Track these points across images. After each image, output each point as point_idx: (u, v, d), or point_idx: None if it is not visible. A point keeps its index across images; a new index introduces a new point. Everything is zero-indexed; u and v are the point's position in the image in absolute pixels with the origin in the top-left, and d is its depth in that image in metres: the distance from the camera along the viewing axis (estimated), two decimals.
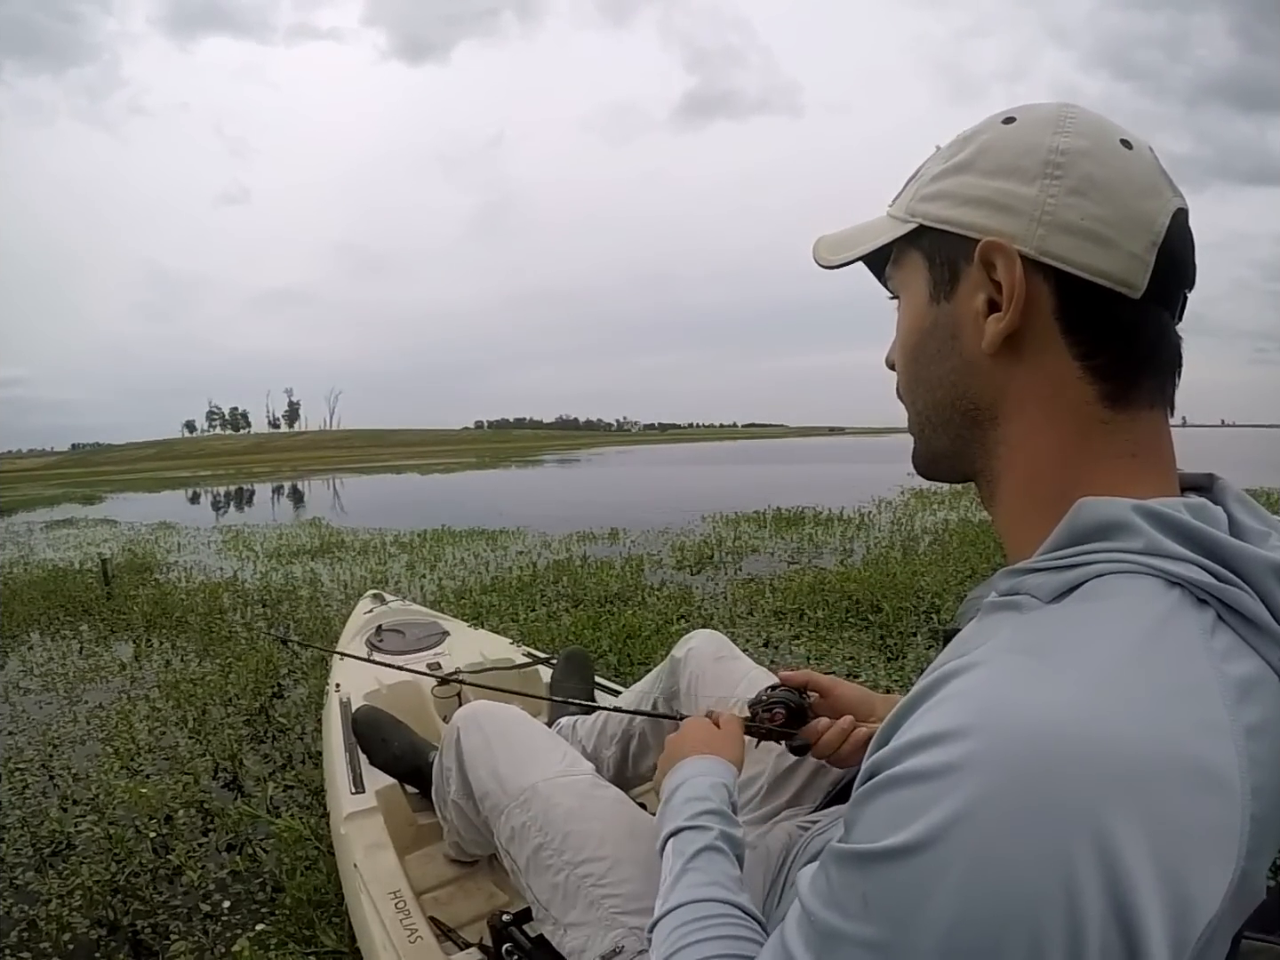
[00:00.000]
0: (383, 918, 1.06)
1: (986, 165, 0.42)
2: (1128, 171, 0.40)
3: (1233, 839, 0.32)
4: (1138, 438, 0.41)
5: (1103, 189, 0.39)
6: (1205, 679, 0.34)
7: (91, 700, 2.94)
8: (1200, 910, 0.31)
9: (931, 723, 0.34)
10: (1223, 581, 0.36)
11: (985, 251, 0.41)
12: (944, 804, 0.31)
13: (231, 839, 1.87)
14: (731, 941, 0.54)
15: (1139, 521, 0.38)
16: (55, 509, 14.34)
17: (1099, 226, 0.39)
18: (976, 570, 4.32)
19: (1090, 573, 0.37)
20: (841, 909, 0.35)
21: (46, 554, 7.29)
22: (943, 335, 0.45)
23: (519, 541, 6.83)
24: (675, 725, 0.92)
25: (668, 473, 21.11)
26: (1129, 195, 0.40)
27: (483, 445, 79.67)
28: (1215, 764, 0.32)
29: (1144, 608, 0.36)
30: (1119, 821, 0.30)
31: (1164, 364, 0.42)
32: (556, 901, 0.84)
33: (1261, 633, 0.36)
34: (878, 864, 0.34)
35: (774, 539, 6.44)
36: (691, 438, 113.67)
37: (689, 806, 0.66)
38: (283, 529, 8.83)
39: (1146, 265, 0.39)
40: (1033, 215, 0.40)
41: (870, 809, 0.35)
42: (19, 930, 1.55)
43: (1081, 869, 0.30)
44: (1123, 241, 0.39)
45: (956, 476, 0.49)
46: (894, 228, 0.47)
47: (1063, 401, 0.41)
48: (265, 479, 25.11)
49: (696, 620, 3.66)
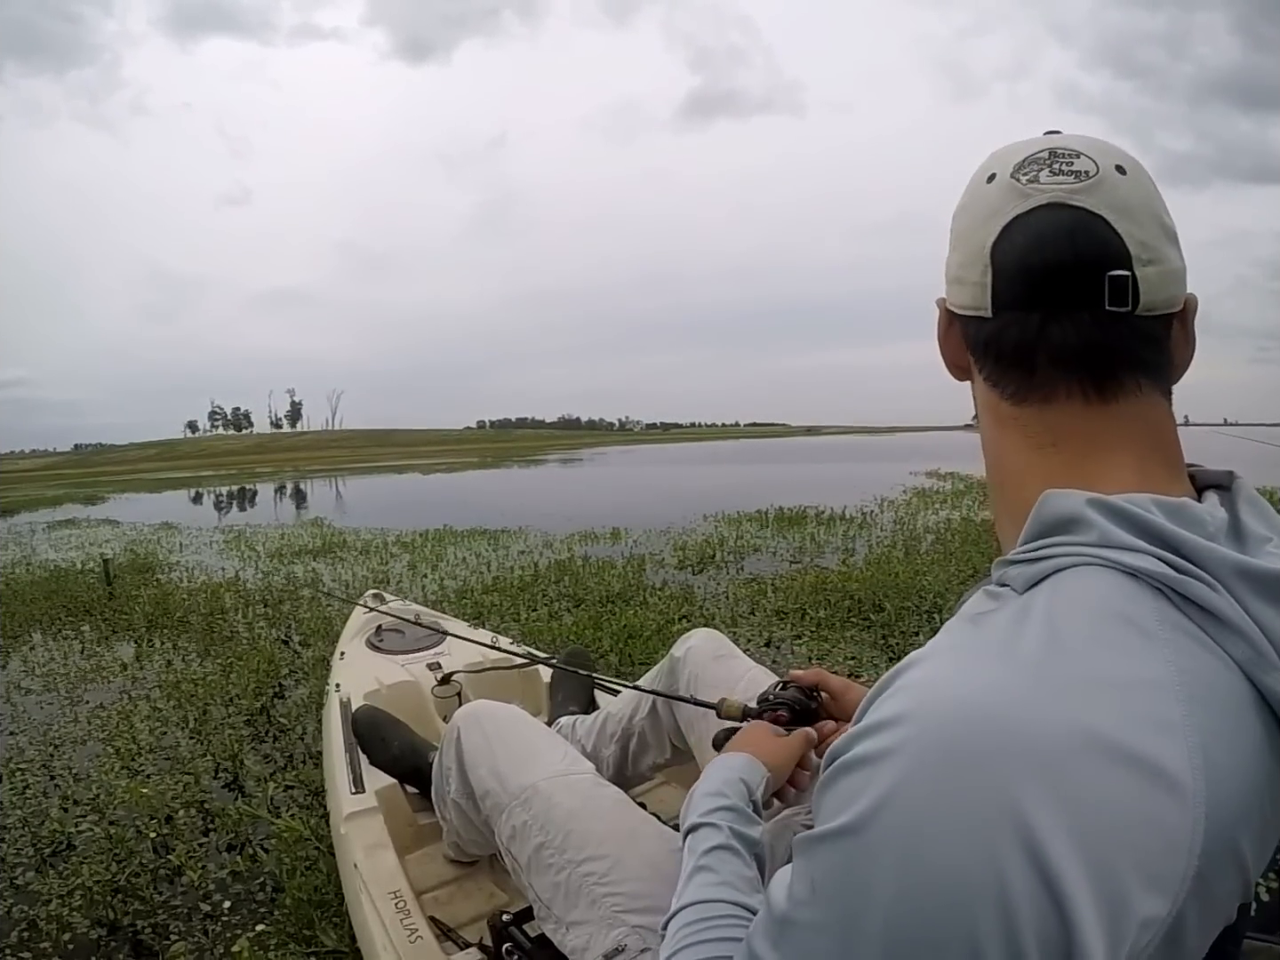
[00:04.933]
0: (383, 918, 1.06)
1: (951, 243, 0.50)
2: (975, 210, 0.45)
3: (1183, 837, 0.32)
4: (1051, 428, 0.43)
5: (961, 237, 0.46)
6: (1157, 673, 0.34)
7: (93, 700, 2.95)
8: (1141, 906, 0.31)
9: (878, 712, 0.36)
10: (1181, 574, 0.36)
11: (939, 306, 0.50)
12: (875, 787, 0.33)
13: (232, 839, 1.87)
14: (734, 944, 0.53)
15: (1091, 514, 0.38)
16: (58, 509, 14.37)
17: (959, 270, 0.46)
18: (979, 569, 4.31)
19: (1050, 566, 0.38)
20: (795, 896, 0.37)
21: (49, 554, 7.31)
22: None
23: (520, 541, 6.83)
24: (703, 712, 0.99)
25: (670, 472, 21.12)
26: (975, 232, 0.45)
27: (485, 445, 79.77)
28: (1160, 759, 0.32)
29: (1096, 599, 0.36)
30: (1036, 804, 0.30)
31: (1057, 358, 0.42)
32: (558, 900, 0.84)
33: (1223, 626, 0.36)
34: (820, 846, 0.35)
35: (776, 538, 6.44)
36: (694, 437, 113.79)
37: (705, 802, 0.67)
38: (284, 529, 8.84)
39: (984, 286, 0.44)
40: (948, 278, 0.48)
41: (824, 797, 0.37)
42: (19, 930, 1.55)
43: (1003, 848, 0.30)
44: (969, 275, 0.45)
45: None
46: None
47: (987, 410, 0.47)
48: (267, 479, 25.14)
49: (698, 620, 3.66)
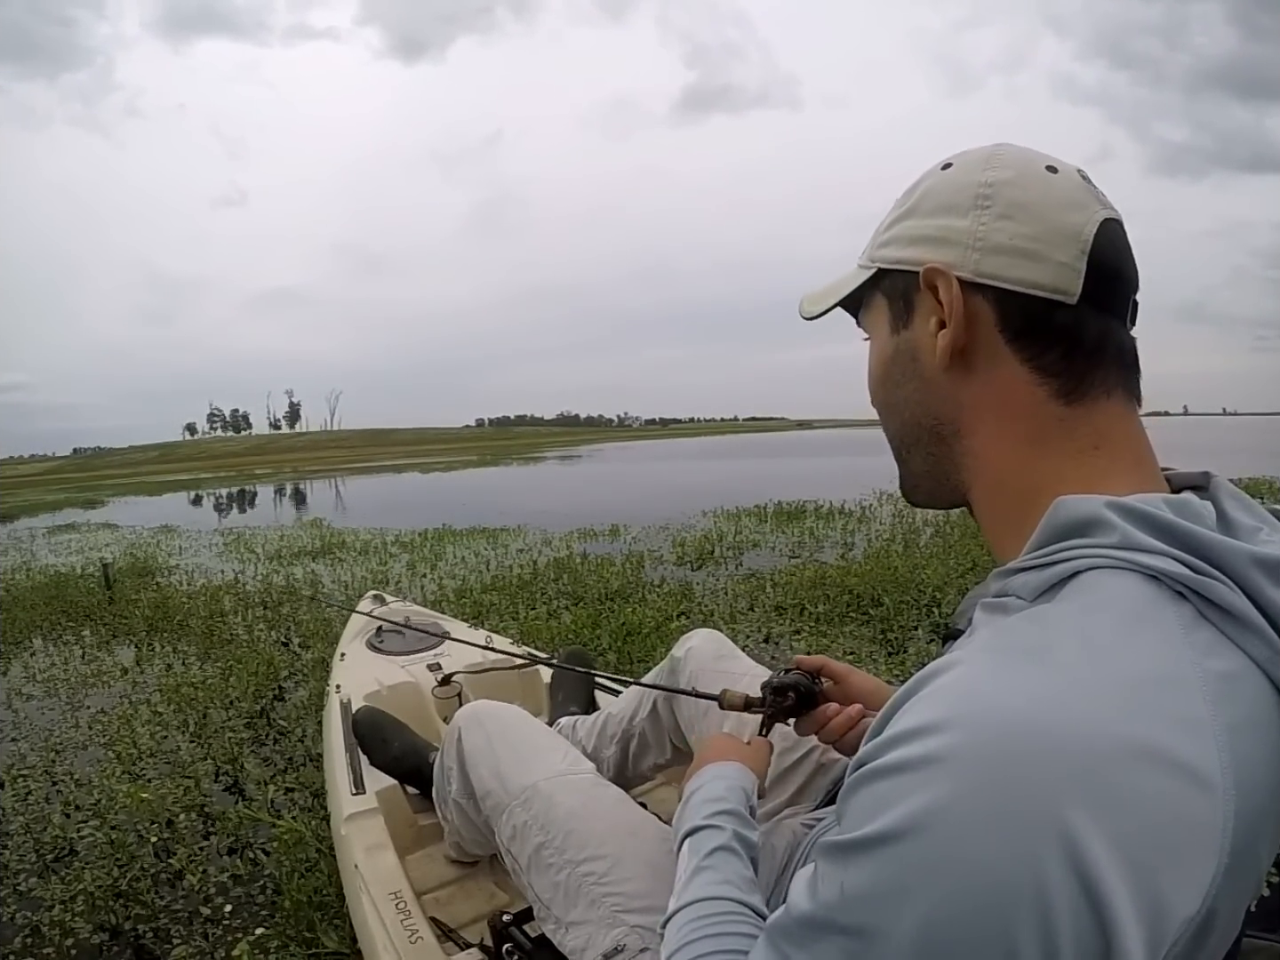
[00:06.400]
0: (383, 918, 1.06)
1: (928, 206, 0.47)
2: (1051, 192, 0.44)
3: (1214, 835, 0.32)
4: (1099, 430, 0.43)
5: (1027, 210, 0.43)
6: (1184, 674, 0.34)
7: (93, 705, 2.95)
8: (1176, 905, 0.31)
9: (912, 717, 0.35)
10: (1200, 574, 0.36)
11: (927, 276, 0.45)
12: (919, 796, 0.33)
13: (232, 842, 1.87)
14: (739, 939, 0.54)
15: (1112, 517, 0.38)
16: (57, 514, 14.37)
17: (1026, 243, 0.43)
18: (978, 563, 4.31)
19: (1068, 569, 0.38)
20: (822, 899, 0.37)
21: (48, 559, 7.31)
22: (904, 360, 0.49)
23: (519, 539, 6.83)
24: (703, 708, 1.02)
25: (669, 468, 21.11)
26: (1053, 212, 0.43)
27: (484, 443, 79.68)
28: (1193, 759, 0.32)
29: (1120, 602, 0.36)
30: (1084, 816, 0.30)
31: (1114, 360, 0.44)
32: (558, 900, 0.84)
33: (1242, 626, 0.36)
34: (854, 852, 0.35)
35: (775, 533, 6.44)
36: (692, 432, 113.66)
37: (706, 807, 0.68)
38: (284, 530, 8.84)
39: (1078, 272, 0.42)
40: (967, 243, 0.44)
41: (853, 801, 0.36)
42: (23, 936, 1.55)
43: (1047, 858, 0.30)
44: (1051, 253, 0.42)
45: (942, 499, 0.51)
46: (858, 276, 0.52)
47: (1016, 407, 0.44)
48: (267, 480, 25.14)
49: (697, 617, 3.66)
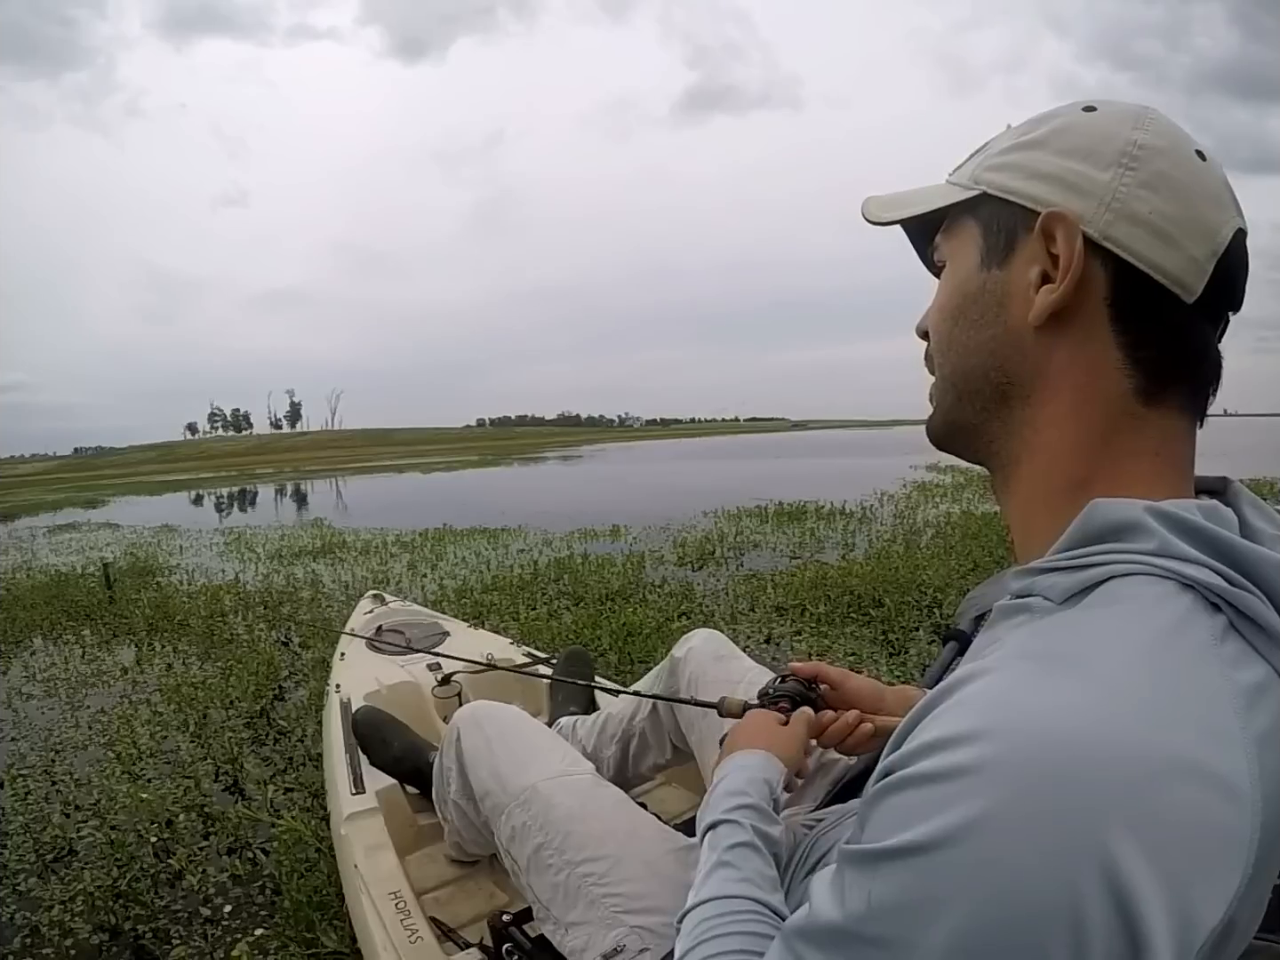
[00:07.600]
0: (383, 918, 1.05)
1: (1061, 145, 0.42)
2: (1200, 178, 0.40)
3: (1242, 847, 0.32)
4: (1164, 437, 0.41)
5: (1175, 188, 0.40)
6: (1215, 686, 0.34)
7: (93, 705, 2.95)
8: (1205, 916, 0.31)
9: (944, 726, 0.34)
10: (1235, 586, 0.36)
11: (1048, 222, 0.41)
12: (956, 807, 0.31)
13: (232, 842, 1.87)
14: (755, 939, 0.53)
15: (1151, 523, 0.37)
16: (58, 514, 14.37)
17: (1165, 223, 0.39)
18: (979, 564, 4.31)
19: (1103, 574, 0.37)
20: (848, 908, 0.35)
21: (49, 559, 7.30)
22: (989, 301, 0.44)
23: (520, 540, 6.83)
24: (704, 713, 1.00)
25: (670, 468, 21.09)
26: (1198, 200, 0.40)
27: (484, 443, 79.65)
28: (1225, 772, 0.32)
29: (1156, 612, 0.35)
30: (1124, 831, 0.30)
31: (1203, 373, 0.42)
32: (557, 901, 0.84)
33: (1271, 639, 0.36)
34: (885, 862, 0.34)
35: (776, 534, 6.43)
36: (693, 432, 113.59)
37: (727, 800, 0.66)
38: (284, 530, 8.84)
39: (1204, 272, 0.39)
40: (1102, 199, 0.40)
41: (881, 809, 0.35)
42: (22, 936, 1.55)
43: (1083, 874, 0.30)
44: (1185, 243, 0.39)
45: (970, 453, 0.48)
46: (953, 193, 0.46)
47: (1097, 390, 0.41)
48: (267, 480, 25.13)
49: (697, 617, 3.65)
